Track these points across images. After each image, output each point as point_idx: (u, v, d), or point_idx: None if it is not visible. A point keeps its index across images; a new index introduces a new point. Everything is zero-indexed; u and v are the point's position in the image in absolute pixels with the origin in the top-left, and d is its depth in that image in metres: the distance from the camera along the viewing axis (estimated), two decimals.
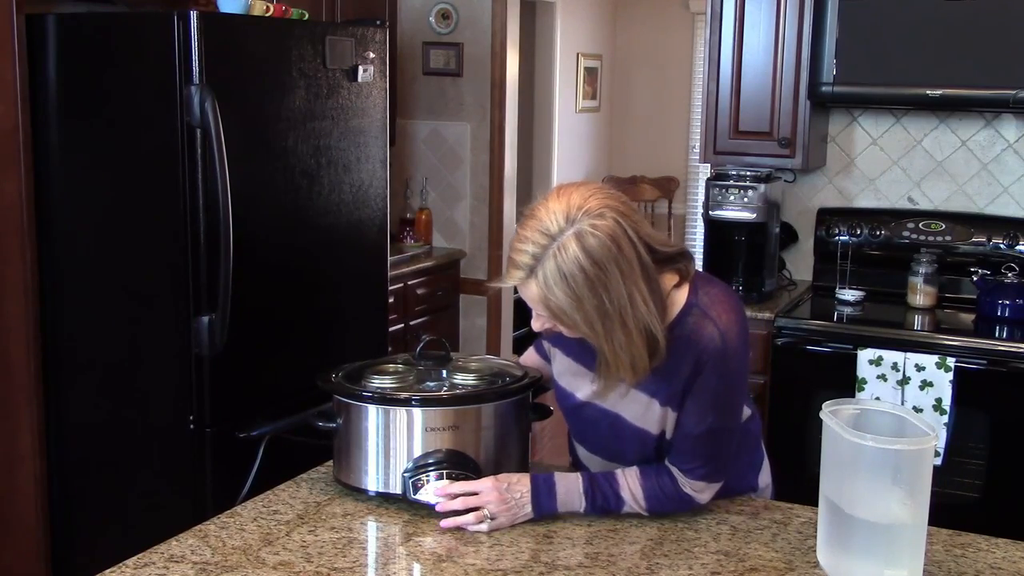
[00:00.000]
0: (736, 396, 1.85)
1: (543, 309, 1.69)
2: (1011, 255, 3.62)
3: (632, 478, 1.85)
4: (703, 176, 6.62)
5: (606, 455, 1.96)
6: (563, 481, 1.84)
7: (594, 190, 1.70)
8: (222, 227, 2.75)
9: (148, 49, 2.80)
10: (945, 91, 3.44)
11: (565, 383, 1.94)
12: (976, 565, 1.66)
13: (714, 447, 1.83)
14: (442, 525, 1.78)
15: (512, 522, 1.80)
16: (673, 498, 1.84)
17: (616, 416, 1.87)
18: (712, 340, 1.75)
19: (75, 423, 3.06)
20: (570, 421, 2.01)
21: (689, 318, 1.77)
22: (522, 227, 1.70)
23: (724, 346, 1.76)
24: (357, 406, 1.87)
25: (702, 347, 1.75)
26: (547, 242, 1.65)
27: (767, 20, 3.67)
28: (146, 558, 1.63)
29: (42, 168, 2.96)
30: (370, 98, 3.35)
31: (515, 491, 1.81)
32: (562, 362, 1.94)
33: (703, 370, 1.76)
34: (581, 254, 1.63)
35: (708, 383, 1.77)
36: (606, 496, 1.84)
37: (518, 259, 1.68)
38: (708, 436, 1.81)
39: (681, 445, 1.83)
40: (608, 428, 1.90)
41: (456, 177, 5.21)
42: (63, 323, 3.02)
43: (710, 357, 1.76)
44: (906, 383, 3.25)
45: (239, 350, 2.88)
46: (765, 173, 3.71)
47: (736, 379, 1.83)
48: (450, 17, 5.11)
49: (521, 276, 1.67)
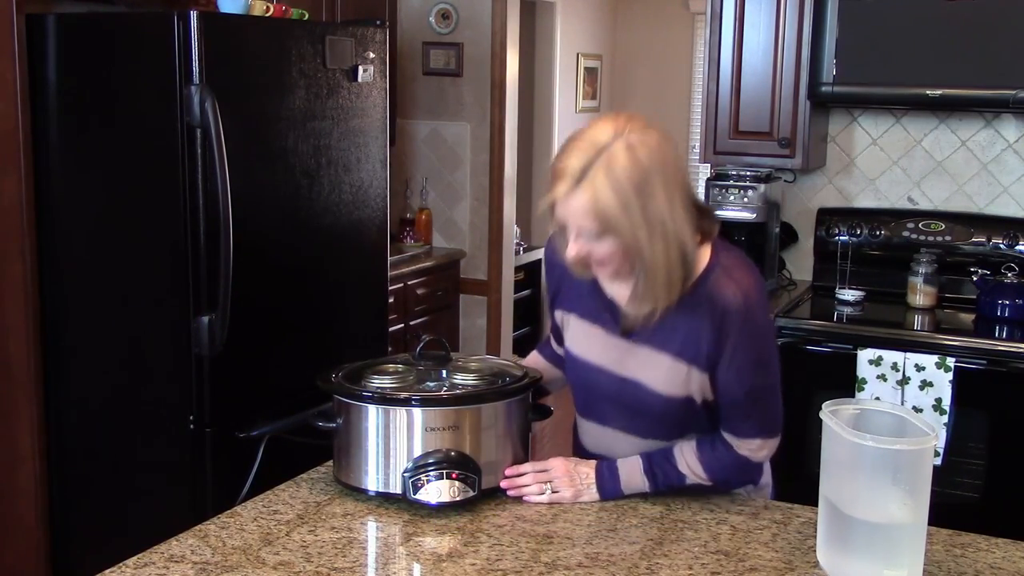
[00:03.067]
0: (768, 352, 1.86)
1: (588, 219, 1.71)
2: (1011, 255, 3.62)
3: (688, 451, 1.89)
4: (703, 176, 6.62)
5: (620, 426, 1.94)
6: (624, 465, 1.90)
7: (641, 118, 1.76)
8: (222, 227, 2.75)
9: (148, 49, 2.80)
10: (945, 91, 3.44)
11: (580, 349, 1.94)
12: (976, 565, 1.66)
13: (760, 406, 1.86)
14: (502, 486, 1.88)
15: (575, 499, 1.87)
16: (731, 464, 1.89)
17: (635, 384, 1.87)
18: (735, 298, 1.78)
19: (75, 423, 3.06)
20: (581, 396, 2.01)
21: (712, 276, 1.80)
22: (568, 142, 1.74)
23: (746, 304, 1.79)
24: (357, 406, 1.87)
25: (725, 305, 1.78)
26: (596, 151, 1.69)
27: (767, 20, 3.67)
28: (146, 558, 1.63)
29: (42, 168, 2.96)
30: (370, 98, 3.35)
31: (581, 472, 1.89)
32: (576, 327, 1.95)
33: (729, 331, 1.79)
34: (629, 162, 1.68)
35: (739, 344, 1.80)
36: (667, 473, 1.89)
37: (566, 168, 1.71)
38: (751, 397, 1.84)
39: (728, 411, 1.87)
40: (625, 398, 1.90)
41: (456, 177, 5.21)
42: (63, 323, 3.02)
43: (734, 316, 1.78)
44: (906, 383, 3.25)
45: (239, 350, 2.88)
46: (765, 173, 3.71)
47: (764, 336, 1.85)
48: (450, 17, 5.11)
49: (568, 186, 1.70)
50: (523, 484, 1.88)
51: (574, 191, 1.70)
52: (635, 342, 1.86)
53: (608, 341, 1.89)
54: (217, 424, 2.87)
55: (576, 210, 1.71)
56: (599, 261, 1.77)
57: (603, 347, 1.90)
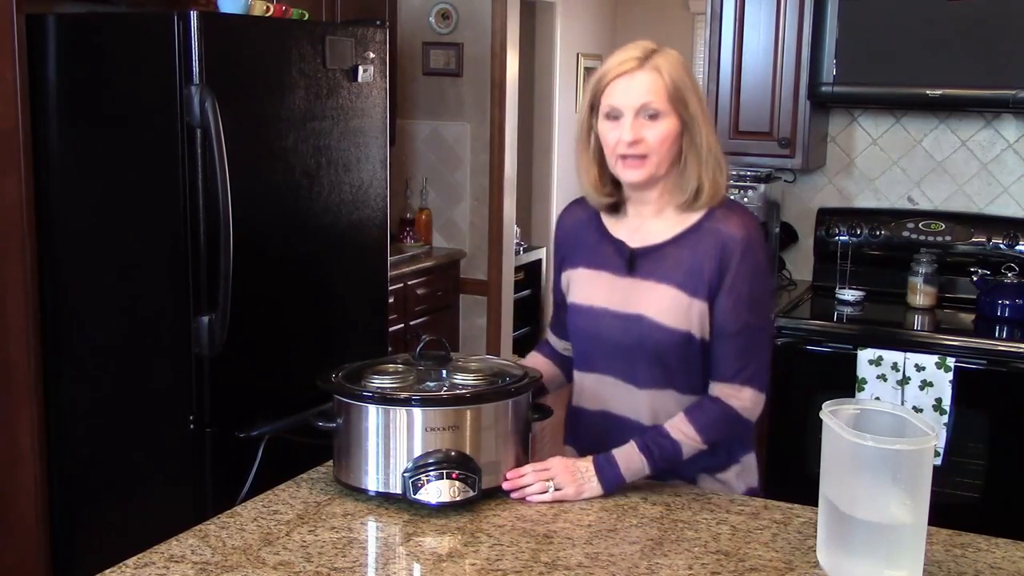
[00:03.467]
0: (764, 292, 1.95)
1: (654, 95, 1.86)
2: (1011, 255, 3.62)
3: (678, 420, 1.93)
4: None
5: (619, 373, 1.99)
6: (620, 451, 1.92)
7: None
8: (222, 227, 2.75)
9: (148, 49, 2.80)
10: (945, 91, 3.44)
11: (586, 296, 2.01)
12: (976, 565, 1.66)
13: (752, 347, 1.93)
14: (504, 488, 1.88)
15: (578, 495, 1.88)
16: (722, 419, 1.94)
17: (639, 317, 1.94)
18: (737, 230, 1.90)
19: (75, 423, 3.06)
20: (584, 347, 2.05)
21: (716, 213, 1.93)
22: (613, 54, 1.92)
23: (748, 237, 1.91)
24: (357, 406, 1.87)
25: (728, 236, 1.90)
26: (649, 49, 1.90)
27: (767, 20, 3.67)
28: (146, 558, 1.63)
29: (42, 168, 2.96)
30: (370, 98, 3.35)
31: (580, 466, 1.91)
32: (583, 278, 2.02)
33: (730, 261, 1.89)
34: (680, 59, 1.91)
35: (738, 274, 1.89)
36: (662, 447, 1.92)
37: (624, 59, 1.88)
38: (745, 334, 1.91)
39: (720, 350, 1.93)
40: (628, 336, 1.95)
41: (456, 177, 5.21)
42: (63, 323, 3.02)
43: (736, 247, 1.89)
44: (906, 383, 3.25)
45: (239, 350, 2.88)
46: (765, 173, 3.71)
47: (763, 273, 1.94)
48: (450, 17, 5.11)
49: (633, 66, 1.87)
50: (525, 484, 1.88)
51: (639, 71, 1.86)
52: (640, 277, 1.95)
53: (615, 282, 1.98)
54: (217, 424, 2.87)
55: (640, 88, 1.86)
56: (651, 148, 1.88)
57: (610, 288, 1.98)
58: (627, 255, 1.98)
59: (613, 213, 2.03)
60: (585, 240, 2.04)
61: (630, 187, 1.96)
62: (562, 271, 2.10)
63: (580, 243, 2.05)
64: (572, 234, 2.07)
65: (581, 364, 2.08)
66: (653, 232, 1.97)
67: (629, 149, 1.88)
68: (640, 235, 1.98)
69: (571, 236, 2.08)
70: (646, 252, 1.97)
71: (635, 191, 1.97)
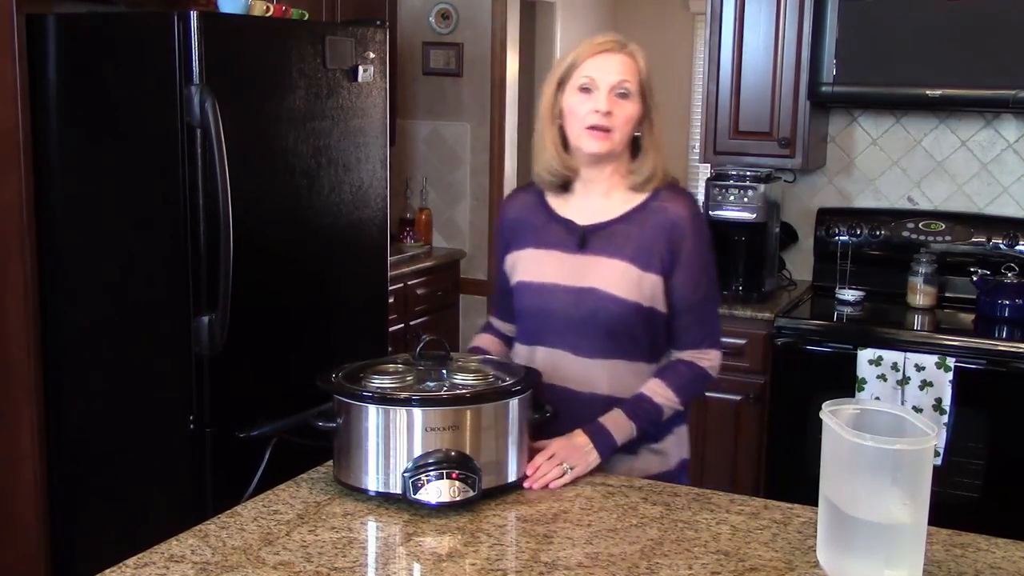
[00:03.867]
0: (712, 262, 2.11)
1: (631, 76, 2.02)
2: (1011, 255, 3.62)
3: (655, 385, 2.07)
4: (703, 176, 6.61)
5: (568, 346, 2.08)
6: (607, 419, 2.03)
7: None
8: (222, 227, 2.75)
9: (148, 49, 2.80)
10: (945, 91, 3.44)
11: (535, 275, 2.11)
12: (976, 565, 1.66)
13: (711, 312, 2.13)
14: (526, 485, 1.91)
15: (586, 469, 1.97)
16: (694, 379, 2.10)
17: (592, 290, 2.05)
18: (685, 210, 2.07)
19: (75, 423, 3.06)
20: (534, 322, 2.14)
21: (660, 194, 2.09)
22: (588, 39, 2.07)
23: (695, 215, 2.08)
24: (357, 406, 1.87)
25: (677, 215, 2.05)
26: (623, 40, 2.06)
27: (767, 20, 3.67)
28: (146, 558, 1.63)
29: (42, 168, 2.96)
30: (370, 98, 3.35)
31: (577, 442, 1.99)
32: (531, 258, 2.13)
33: (682, 239, 2.04)
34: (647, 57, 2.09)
35: (693, 252, 2.05)
36: (647, 411, 2.05)
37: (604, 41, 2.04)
38: (705, 302, 2.10)
39: (685, 321, 2.08)
40: (581, 309, 2.05)
41: (456, 177, 5.21)
42: (63, 323, 3.02)
43: (687, 225, 2.05)
44: (906, 383, 3.25)
45: (239, 350, 2.88)
46: (765, 173, 3.71)
47: (709, 245, 2.11)
48: (450, 17, 5.11)
49: (614, 47, 2.03)
50: (544, 473, 1.93)
51: (618, 52, 2.03)
52: (591, 253, 2.07)
53: (564, 259, 2.09)
54: (217, 424, 2.87)
55: (618, 66, 2.02)
56: (616, 124, 2.01)
57: (560, 265, 2.09)
58: (578, 232, 2.09)
59: (560, 193, 2.14)
60: (532, 222, 2.15)
61: (589, 159, 2.07)
62: (506, 255, 2.20)
63: (526, 226, 2.16)
64: (517, 218, 2.18)
65: (530, 339, 2.16)
66: (601, 210, 2.10)
67: (601, 120, 2.01)
68: (588, 213, 2.11)
69: (517, 220, 2.18)
70: (596, 229, 2.09)
71: (590, 166, 2.09)
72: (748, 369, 3.56)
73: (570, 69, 2.04)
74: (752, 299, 3.65)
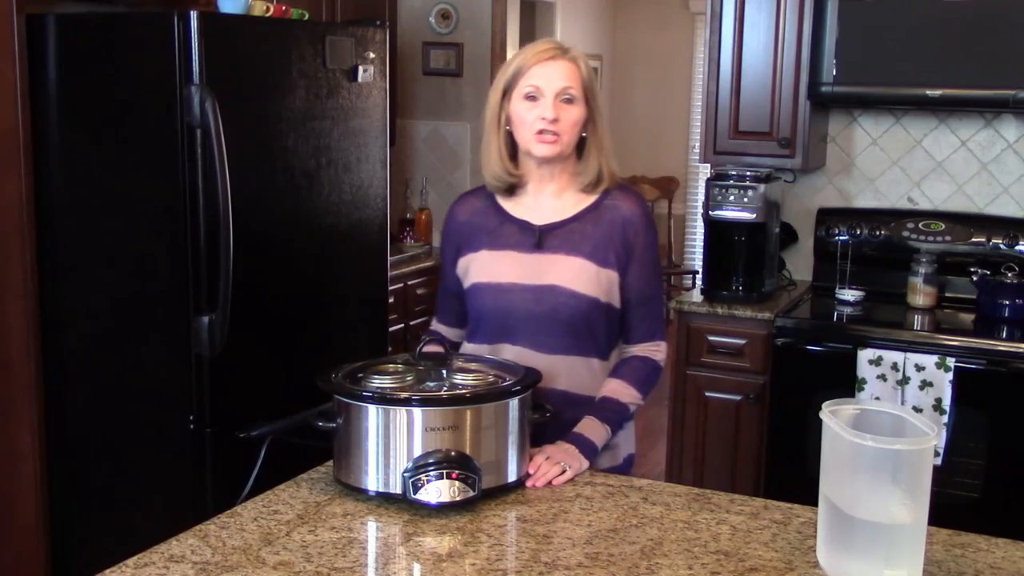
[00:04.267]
0: (658, 257, 2.22)
1: (574, 81, 2.07)
2: (1011, 255, 3.62)
3: (617, 384, 2.14)
4: (703, 176, 6.61)
5: (527, 343, 2.11)
6: (587, 429, 2.08)
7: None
8: (222, 227, 2.75)
9: (148, 49, 2.80)
10: (945, 91, 3.44)
11: (492, 276, 2.14)
12: (976, 565, 1.66)
13: (660, 305, 2.23)
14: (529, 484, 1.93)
15: (580, 470, 2.01)
16: (652, 372, 2.19)
17: (551, 287, 2.10)
18: (636, 207, 2.16)
19: (75, 423, 3.06)
20: (493, 322, 2.15)
21: (611, 193, 2.16)
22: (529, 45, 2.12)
23: (645, 213, 2.17)
24: (357, 406, 1.87)
25: (630, 213, 2.14)
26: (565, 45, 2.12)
27: (767, 20, 3.67)
28: (146, 558, 1.63)
29: (42, 168, 2.96)
30: (370, 98, 3.35)
31: (566, 447, 2.03)
32: (486, 260, 2.16)
33: (636, 236, 2.13)
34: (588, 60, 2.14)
35: (646, 248, 2.15)
36: (617, 412, 2.12)
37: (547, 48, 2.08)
38: (655, 296, 2.20)
39: (639, 314, 2.17)
40: (541, 305, 2.09)
41: (456, 177, 5.21)
42: (63, 323, 3.02)
43: (639, 222, 2.14)
44: (906, 383, 3.25)
45: (239, 350, 2.88)
46: (765, 173, 3.71)
47: (657, 242, 2.21)
48: (450, 17, 5.11)
49: (556, 54, 2.08)
50: (545, 472, 1.95)
51: (562, 59, 2.07)
52: (548, 252, 2.12)
53: (521, 259, 2.13)
54: (217, 424, 2.87)
55: (562, 73, 2.06)
56: (563, 128, 2.06)
57: (517, 265, 2.13)
58: (535, 232, 2.14)
59: (510, 196, 2.19)
60: (484, 225, 2.19)
61: (540, 162, 2.12)
62: (458, 259, 2.22)
63: (479, 229, 2.19)
64: (468, 222, 2.21)
65: (491, 339, 2.17)
66: (555, 210, 2.15)
67: (549, 125, 2.06)
68: (542, 214, 2.15)
69: (467, 224, 2.21)
70: (552, 228, 2.14)
71: (542, 167, 2.13)
72: (748, 369, 3.56)
73: (515, 77, 2.08)
74: (752, 299, 3.65)
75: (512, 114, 2.10)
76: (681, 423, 3.69)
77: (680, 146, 7.97)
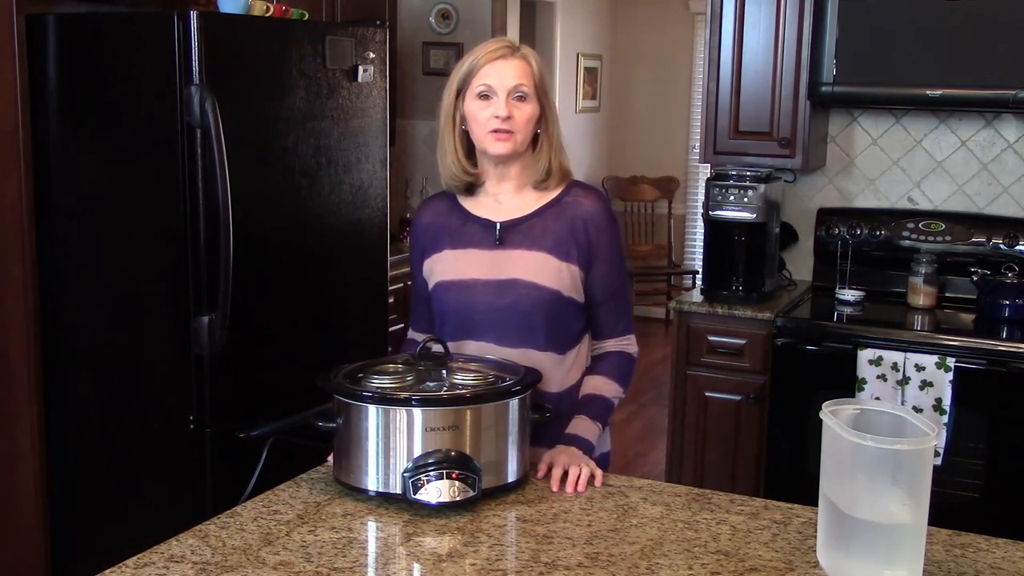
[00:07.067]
0: (624, 255, 2.24)
1: (526, 79, 2.09)
2: (1011, 255, 3.62)
3: (599, 383, 2.18)
4: (703, 176, 6.61)
5: (491, 337, 2.13)
6: (578, 428, 2.11)
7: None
8: (222, 227, 2.75)
9: (148, 49, 2.80)
10: (945, 91, 3.44)
11: (456, 273, 2.16)
12: (976, 565, 1.66)
13: (628, 298, 2.26)
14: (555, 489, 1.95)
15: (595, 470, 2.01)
16: (628, 366, 2.23)
17: (514, 281, 2.11)
18: (596, 203, 2.18)
19: (75, 423, 3.06)
20: (457, 318, 2.16)
21: (572, 190, 2.19)
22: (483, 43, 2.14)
23: (607, 209, 2.19)
24: (357, 406, 1.87)
25: (591, 209, 2.15)
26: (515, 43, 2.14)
27: (767, 20, 3.67)
28: (146, 558, 1.63)
29: (42, 168, 2.96)
30: (370, 98, 3.35)
31: (570, 451, 2.05)
32: (449, 259, 2.17)
33: (599, 232, 2.15)
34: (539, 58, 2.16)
35: (609, 243, 2.16)
36: (604, 408, 2.17)
37: (497, 47, 2.10)
38: (624, 288, 2.23)
39: (608, 309, 2.19)
40: (504, 299, 2.11)
41: None
42: (63, 323, 3.02)
43: (601, 218, 2.16)
44: (906, 383, 3.25)
45: (239, 350, 2.88)
46: (765, 173, 3.71)
47: (620, 236, 2.23)
48: (450, 17, 5.11)
49: (507, 52, 2.09)
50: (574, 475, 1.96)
51: (513, 57, 2.09)
52: (509, 248, 2.14)
53: (483, 256, 2.15)
54: (217, 424, 2.87)
55: (514, 71, 2.08)
56: (517, 125, 2.08)
57: (478, 261, 2.14)
58: (495, 229, 2.16)
59: (470, 195, 2.21)
60: (447, 226, 2.21)
61: (496, 160, 2.14)
62: (423, 261, 2.23)
63: (442, 230, 2.21)
64: (432, 224, 2.23)
65: (456, 335, 2.17)
66: (515, 207, 2.17)
67: (502, 124, 2.08)
68: (503, 211, 2.17)
69: (432, 226, 2.23)
70: (513, 224, 2.16)
71: (499, 165, 2.15)
72: (748, 369, 3.56)
73: (468, 77, 2.10)
74: (752, 299, 3.65)
75: (467, 113, 2.12)
76: (681, 423, 3.69)
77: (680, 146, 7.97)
